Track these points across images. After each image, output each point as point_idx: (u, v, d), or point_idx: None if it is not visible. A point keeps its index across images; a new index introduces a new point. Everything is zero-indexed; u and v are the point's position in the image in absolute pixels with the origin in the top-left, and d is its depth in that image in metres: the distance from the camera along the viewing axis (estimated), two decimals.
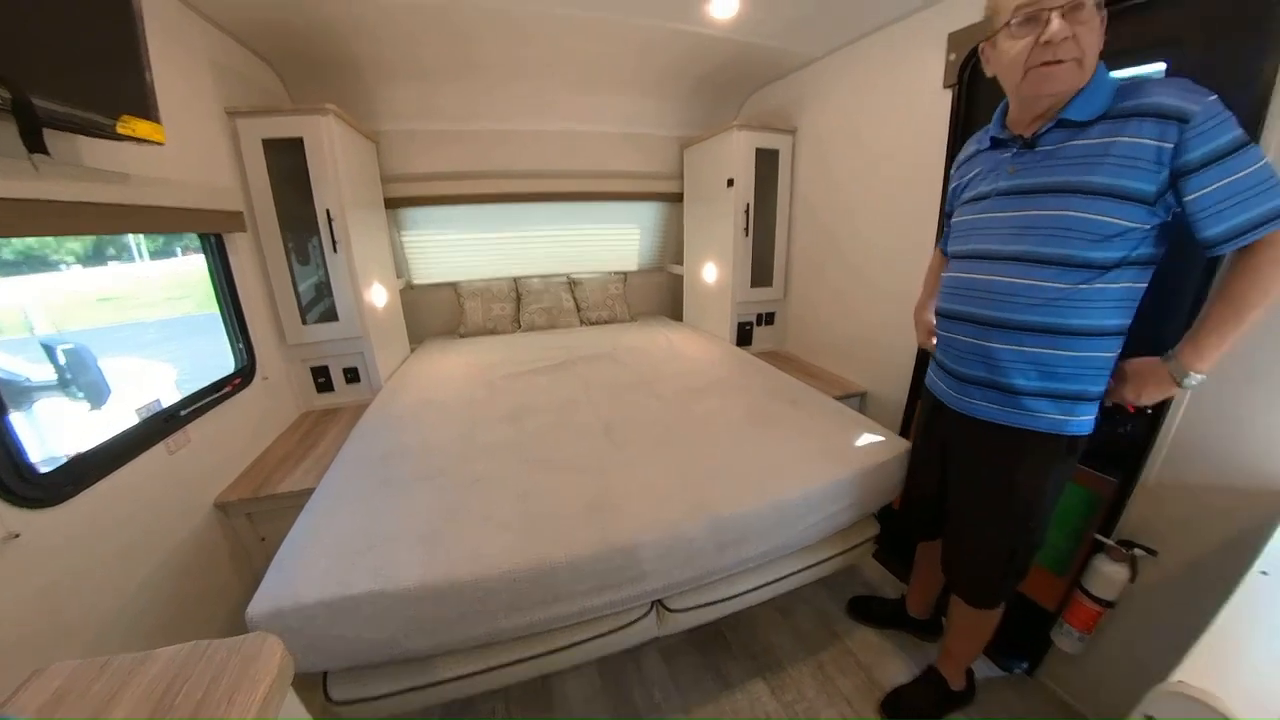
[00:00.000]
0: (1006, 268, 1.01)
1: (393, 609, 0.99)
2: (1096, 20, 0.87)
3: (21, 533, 0.91)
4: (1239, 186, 0.81)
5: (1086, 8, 0.85)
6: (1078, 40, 0.86)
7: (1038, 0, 0.86)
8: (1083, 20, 0.85)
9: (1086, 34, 0.86)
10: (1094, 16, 0.86)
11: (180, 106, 1.41)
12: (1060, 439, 1.03)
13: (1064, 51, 0.87)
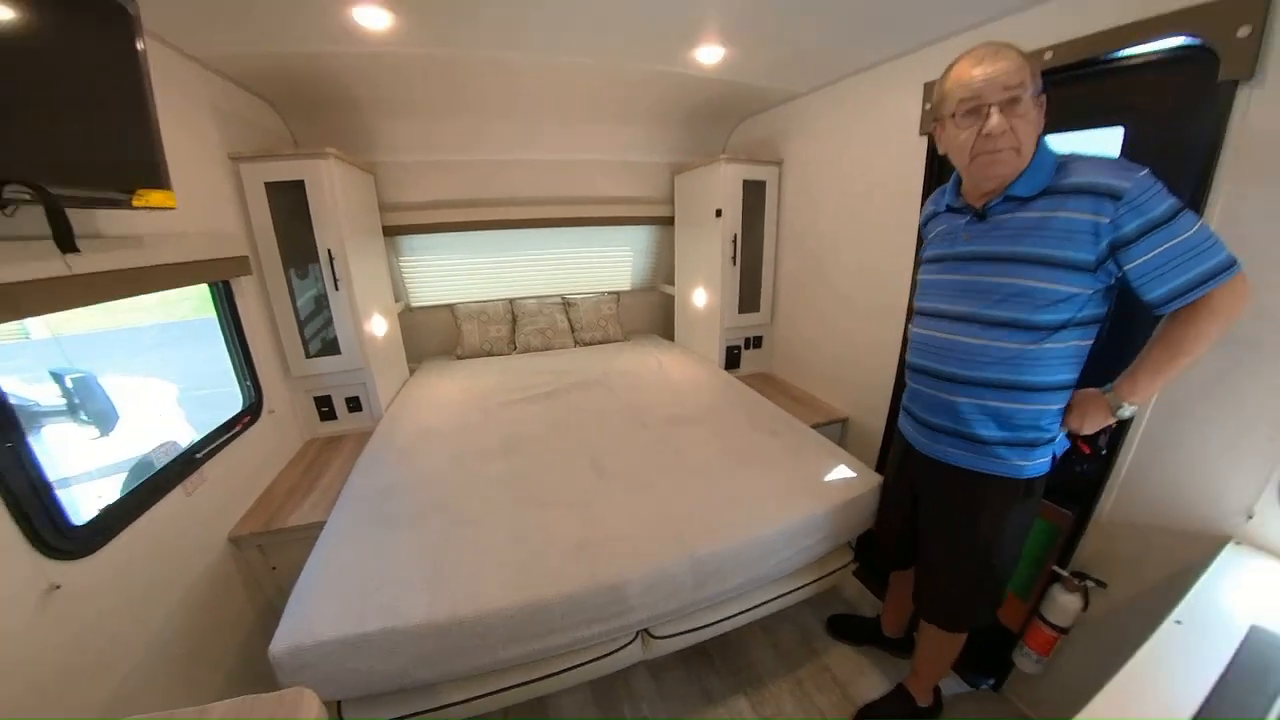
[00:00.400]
0: (965, 328, 1.10)
1: (402, 644, 1.08)
2: (1034, 111, 0.96)
3: (62, 584, 1.00)
4: (1175, 251, 0.89)
5: (1023, 102, 0.93)
6: (1015, 132, 0.95)
7: (978, 96, 0.95)
8: (1020, 114, 0.94)
9: (1023, 125, 0.95)
10: (1030, 109, 0.95)
11: (186, 159, 1.47)
12: (1019, 482, 1.12)
13: (1003, 142, 0.96)
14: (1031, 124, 0.96)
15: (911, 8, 1.48)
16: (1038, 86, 0.94)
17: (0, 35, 0.83)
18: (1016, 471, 1.11)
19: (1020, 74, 0.93)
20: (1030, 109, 0.95)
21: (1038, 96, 0.95)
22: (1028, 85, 0.93)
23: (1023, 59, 0.94)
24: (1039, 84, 0.95)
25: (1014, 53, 0.95)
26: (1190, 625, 0.94)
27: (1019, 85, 0.92)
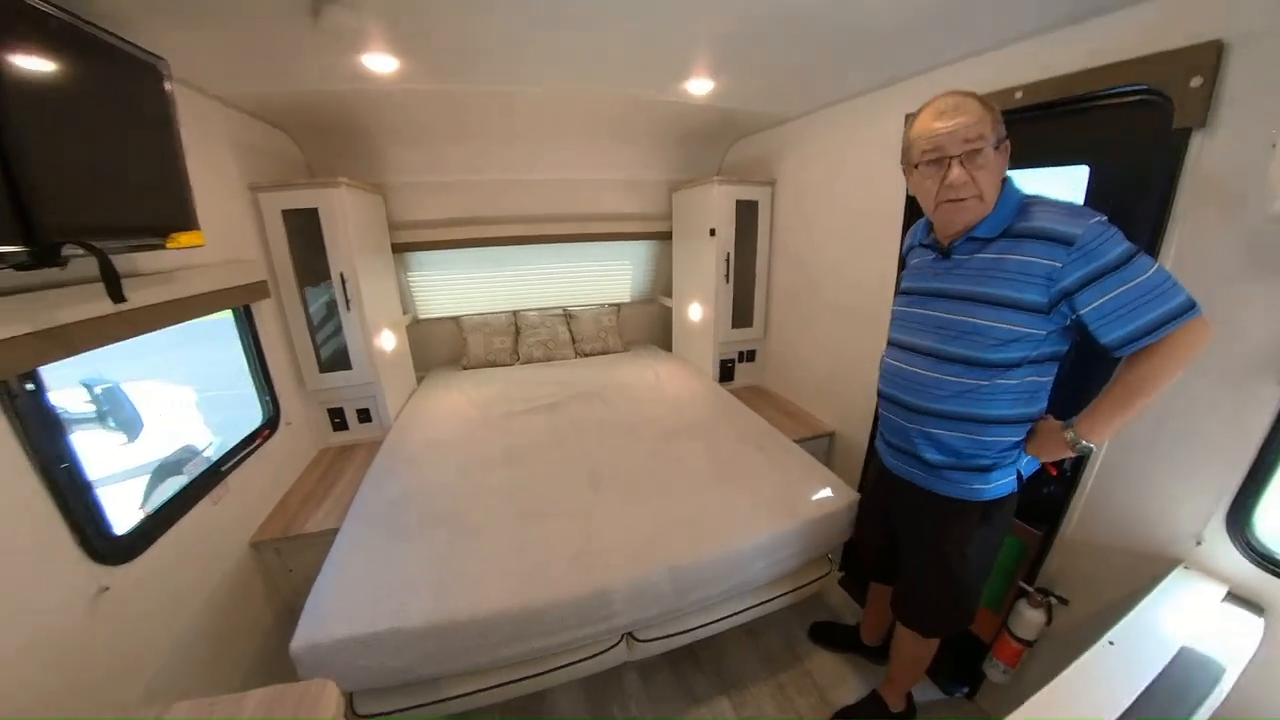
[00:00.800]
0: (924, 361, 1.15)
1: (409, 643, 1.20)
2: (995, 160, 0.99)
3: (110, 586, 1.13)
4: (1132, 295, 0.90)
5: (984, 153, 0.97)
6: (977, 181, 0.99)
7: (940, 148, 0.99)
8: (980, 164, 0.98)
9: (984, 175, 0.98)
10: (992, 159, 0.98)
11: (209, 194, 1.57)
12: (977, 504, 1.16)
13: (965, 191, 1.00)
14: (993, 172, 1.00)
15: (886, 45, 1.55)
16: (1000, 135, 0.98)
17: (54, 112, 0.95)
18: (974, 494, 1.15)
19: (980, 126, 0.96)
20: (991, 159, 0.98)
21: (1000, 144, 0.99)
22: (988, 137, 0.96)
23: (984, 111, 0.97)
24: (1001, 132, 0.99)
25: (975, 104, 0.98)
26: (1122, 645, 1.00)
27: (979, 138, 0.96)
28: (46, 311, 1.05)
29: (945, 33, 1.44)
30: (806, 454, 1.97)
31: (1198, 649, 1.01)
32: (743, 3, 1.26)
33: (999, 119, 0.99)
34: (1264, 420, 1.03)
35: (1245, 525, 1.10)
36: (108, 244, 1.05)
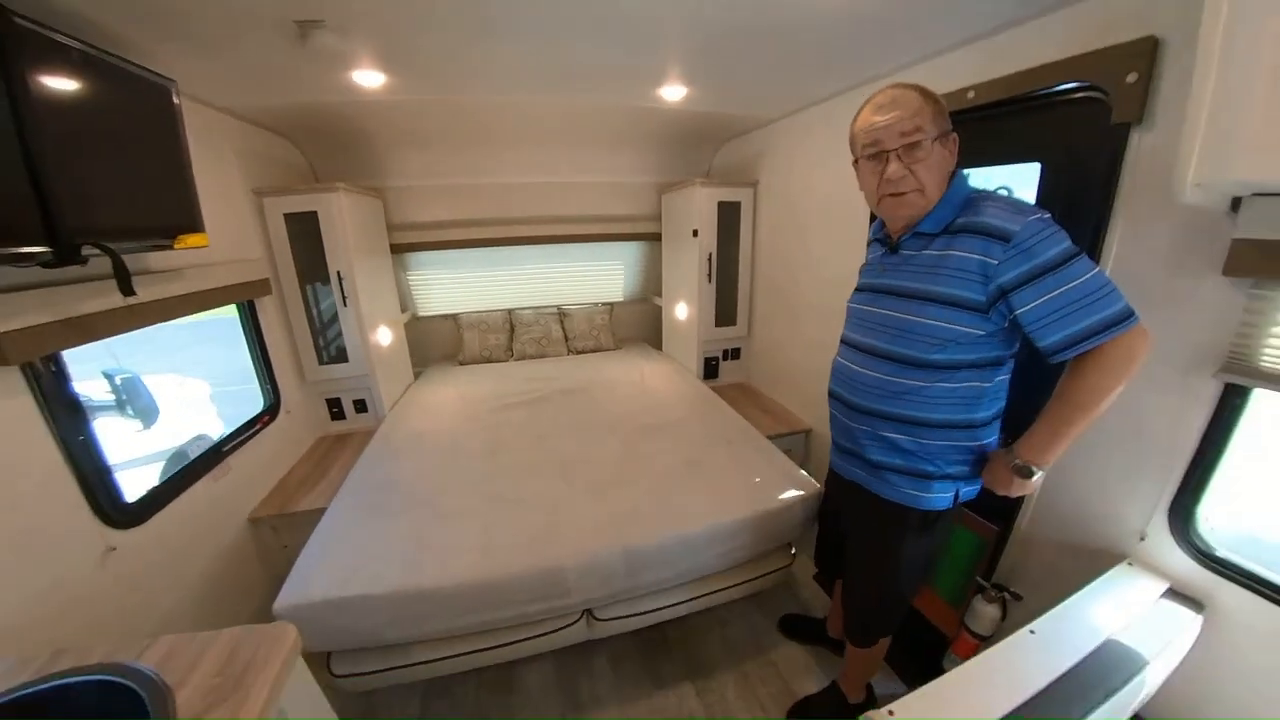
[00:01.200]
0: (866, 359, 1.13)
1: (378, 608, 1.33)
2: (938, 153, 0.97)
3: (117, 547, 1.28)
4: (1067, 299, 0.86)
5: (923, 146, 0.94)
6: (916, 175, 0.97)
7: (878, 142, 0.98)
8: (919, 158, 0.95)
9: (924, 169, 0.96)
10: (933, 152, 0.96)
11: (215, 199, 1.72)
12: (915, 512, 1.12)
13: (905, 185, 0.98)
14: (934, 166, 0.97)
15: (844, 54, 1.63)
16: (943, 128, 0.97)
17: (76, 130, 1.10)
18: (913, 501, 1.12)
19: (917, 119, 0.94)
20: (933, 151, 0.96)
21: (944, 137, 0.97)
22: (926, 129, 0.94)
23: (922, 103, 0.95)
24: (945, 125, 0.97)
25: (914, 96, 0.96)
26: (1043, 634, 1.01)
27: (916, 130, 0.94)
28: (67, 303, 1.20)
29: (900, 38, 1.52)
30: (774, 449, 2.06)
31: (1123, 641, 1.01)
32: (702, 21, 1.37)
33: (942, 110, 0.97)
34: (1202, 415, 1.05)
35: (1186, 522, 1.13)
36: (121, 245, 1.20)
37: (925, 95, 0.97)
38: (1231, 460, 1.08)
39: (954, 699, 0.89)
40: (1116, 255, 1.19)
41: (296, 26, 1.28)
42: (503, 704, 1.67)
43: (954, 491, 1.12)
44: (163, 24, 1.24)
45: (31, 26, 1.00)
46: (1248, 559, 1.06)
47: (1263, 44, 0.74)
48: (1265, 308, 0.97)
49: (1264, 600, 1.00)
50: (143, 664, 0.85)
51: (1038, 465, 1.00)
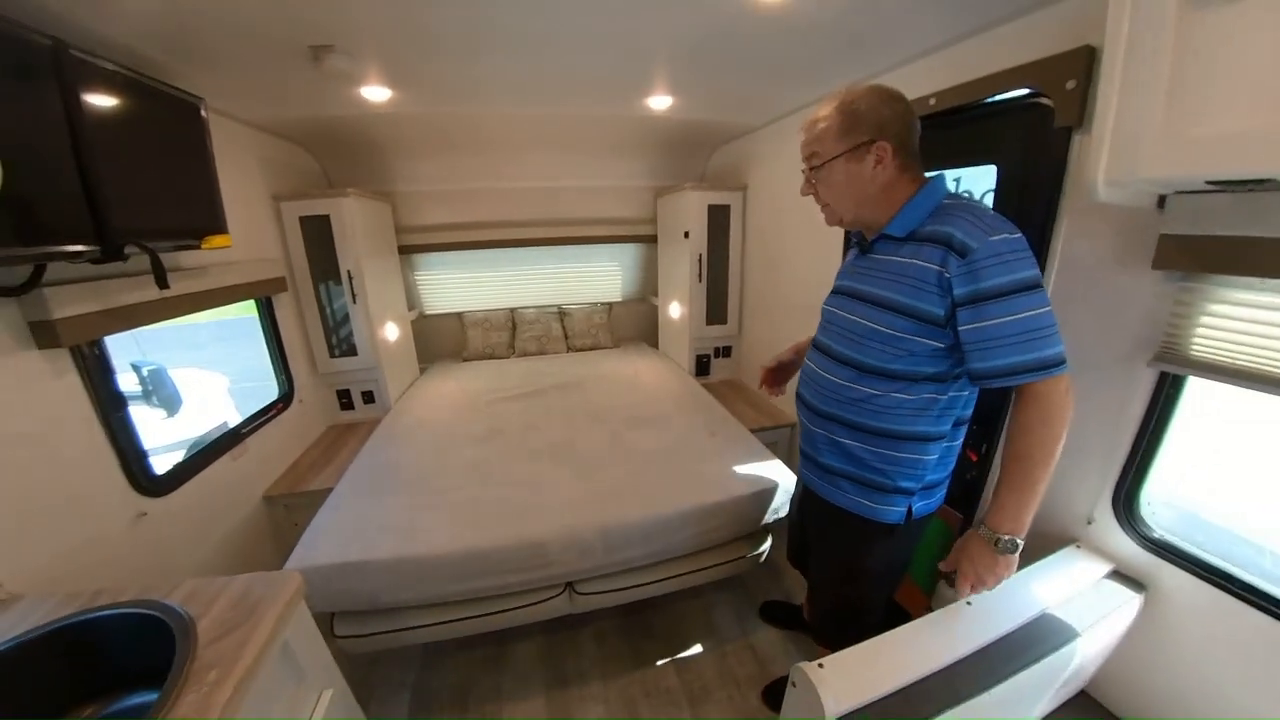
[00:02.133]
0: (829, 363, 1.11)
1: (376, 573, 1.46)
2: (839, 171, 0.99)
3: (148, 513, 1.43)
4: (1003, 331, 0.85)
5: (823, 167, 1.00)
6: (819, 194, 1.05)
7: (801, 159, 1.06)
8: (820, 178, 1.02)
9: (824, 188, 1.03)
10: (834, 172, 0.99)
11: (238, 202, 1.88)
12: (870, 523, 1.10)
13: (817, 202, 1.07)
14: (836, 184, 1.01)
15: (817, 64, 1.73)
16: (851, 141, 0.96)
17: (119, 143, 1.25)
18: (865, 511, 1.09)
19: (814, 145, 1.00)
20: (834, 171, 0.99)
21: (854, 151, 0.96)
22: (823, 151, 0.99)
23: (831, 116, 0.97)
24: (856, 138, 0.96)
25: (827, 111, 0.98)
26: (980, 607, 1.07)
27: (812, 155, 1.01)
28: (110, 295, 1.36)
29: (866, 51, 1.63)
30: (756, 440, 2.15)
31: (1058, 614, 1.08)
32: (679, 38, 1.50)
33: (854, 124, 0.96)
34: (1140, 402, 1.13)
35: (1130, 506, 1.20)
36: (157, 244, 1.35)
37: (839, 108, 0.97)
38: (1172, 444, 1.14)
39: (884, 656, 0.97)
40: (1063, 251, 1.25)
41: (310, 51, 1.43)
42: (493, 679, 1.79)
43: (907, 507, 1.08)
44: (194, 51, 1.41)
45: (83, 56, 1.16)
46: (1188, 542, 1.12)
47: (1160, 53, 0.81)
48: (1193, 299, 1.04)
49: (1202, 581, 1.06)
50: (169, 600, 0.98)
51: (1017, 535, 0.94)
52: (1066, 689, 1.17)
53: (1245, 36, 0.71)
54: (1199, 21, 0.76)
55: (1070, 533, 1.30)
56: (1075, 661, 1.06)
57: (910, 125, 0.99)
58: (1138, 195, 0.97)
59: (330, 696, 1.10)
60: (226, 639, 0.90)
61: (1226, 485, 1.20)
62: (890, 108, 0.97)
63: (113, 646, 0.97)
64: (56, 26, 1.12)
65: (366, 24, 1.34)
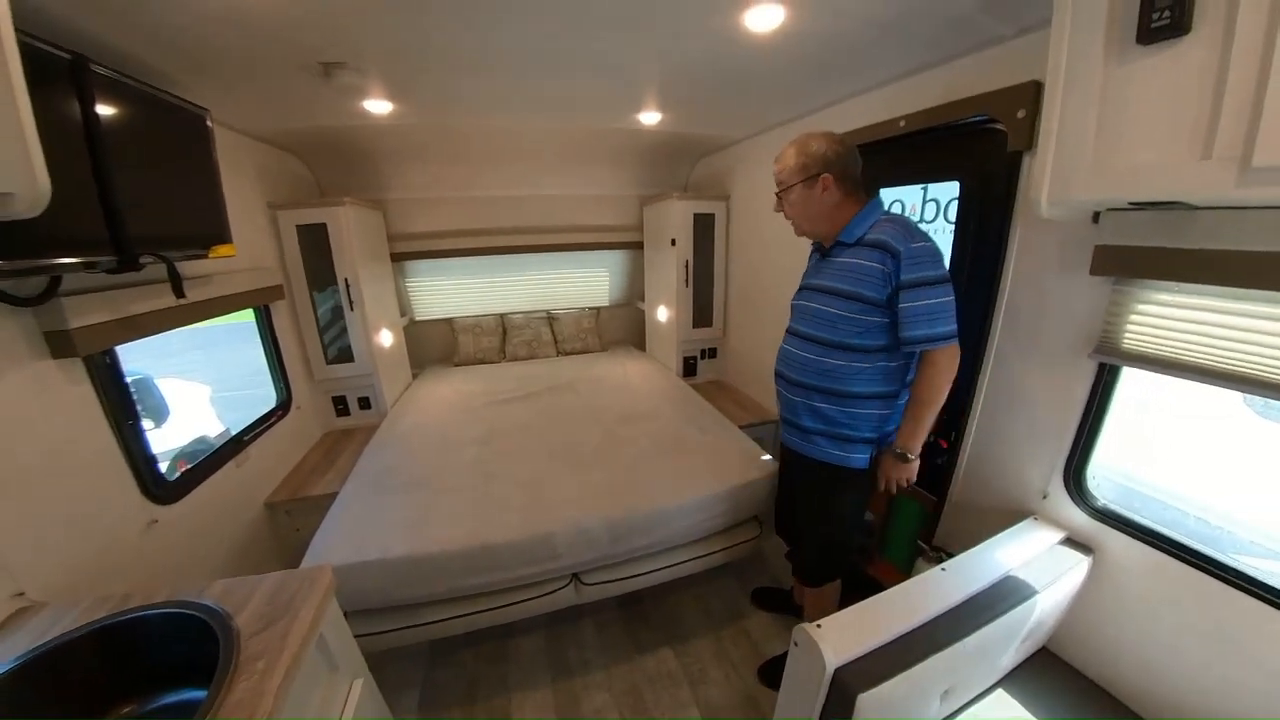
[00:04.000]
0: (803, 344, 1.41)
1: (389, 571, 1.52)
2: (800, 194, 1.32)
3: (158, 520, 1.46)
4: (921, 310, 1.20)
5: (791, 192, 1.34)
6: (788, 213, 1.39)
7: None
8: (790, 201, 1.35)
9: (792, 208, 1.36)
10: (800, 195, 1.32)
11: (237, 212, 1.85)
12: (841, 469, 1.40)
13: (786, 217, 1.40)
14: (798, 203, 1.35)
15: (795, 87, 1.88)
16: (806, 174, 1.30)
17: (133, 154, 1.29)
18: (839, 460, 1.39)
19: (781, 174, 1.34)
20: (800, 195, 1.33)
21: (810, 180, 1.30)
22: (787, 180, 1.33)
23: (792, 157, 1.32)
24: (808, 171, 1.29)
25: (788, 154, 1.33)
26: (953, 572, 1.23)
27: (781, 184, 1.35)
28: (121, 305, 1.38)
29: (839, 78, 1.78)
30: (744, 435, 2.28)
31: (1019, 576, 1.23)
32: (667, 63, 1.63)
33: (807, 162, 1.30)
34: (1084, 389, 1.27)
35: (1078, 481, 1.35)
36: (169, 254, 1.39)
37: (797, 149, 1.32)
38: (1112, 425, 1.30)
39: (873, 615, 1.10)
40: (1017, 258, 1.42)
41: (322, 67, 1.49)
42: (500, 673, 1.85)
43: (870, 454, 1.40)
44: (207, 65, 1.45)
45: (102, 71, 1.19)
46: (1127, 509, 1.29)
47: (1090, 94, 0.97)
48: (1124, 300, 1.20)
49: (1139, 543, 1.22)
50: (203, 599, 1.03)
51: (910, 451, 1.32)
52: (1029, 643, 1.31)
53: (1148, 85, 0.87)
54: (1117, 70, 0.92)
55: (1028, 506, 1.45)
56: (1035, 616, 1.21)
57: (850, 161, 1.32)
58: (1075, 211, 1.13)
59: (361, 686, 1.16)
60: (267, 632, 0.96)
61: (1158, 459, 1.37)
62: (834, 149, 1.30)
63: (151, 646, 1.01)
64: (77, 41, 1.15)
65: (377, 42, 1.40)
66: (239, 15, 1.18)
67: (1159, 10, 0.85)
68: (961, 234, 1.65)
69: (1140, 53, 0.89)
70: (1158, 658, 1.19)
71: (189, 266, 1.68)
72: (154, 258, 1.31)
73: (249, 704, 0.80)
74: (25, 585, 1.09)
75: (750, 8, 1.25)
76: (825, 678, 0.98)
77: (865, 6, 1.26)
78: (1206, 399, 1.11)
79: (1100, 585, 1.29)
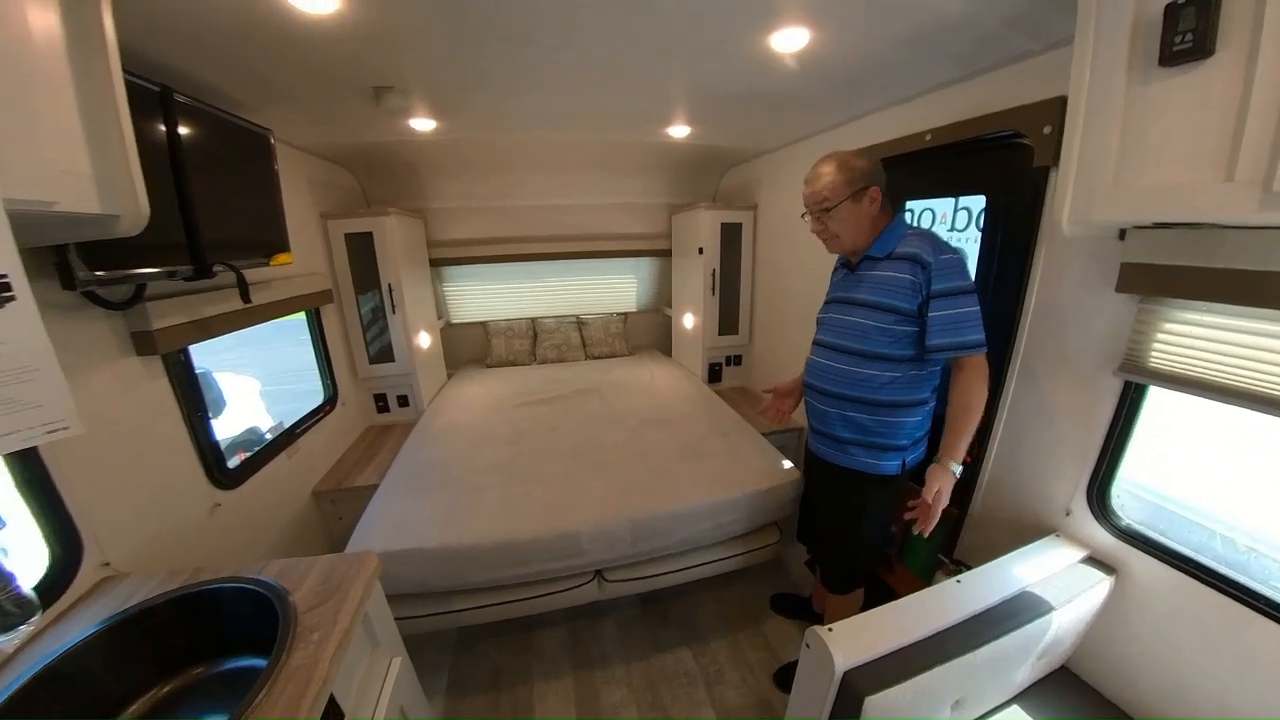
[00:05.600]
0: (835, 355, 1.44)
1: (426, 560, 1.62)
2: (848, 209, 1.33)
3: (221, 504, 1.60)
4: (949, 319, 1.25)
5: (835, 209, 1.34)
6: (829, 228, 1.38)
7: (806, 205, 1.41)
8: (832, 216, 1.35)
9: (835, 223, 1.36)
10: (844, 211, 1.33)
11: (294, 221, 2.00)
12: (873, 476, 1.43)
13: (824, 235, 1.41)
14: (845, 219, 1.35)
15: (824, 103, 1.92)
16: (856, 188, 1.31)
17: (209, 172, 1.43)
18: (871, 468, 1.42)
19: (827, 191, 1.33)
20: (844, 210, 1.34)
21: (858, 195, 1.32)
22: (834, 198, 1.32)
23: (834, 175, 1.32)
24: (855, 185, 1.31)
25: (829, 171, 1.32)
26: (967, 583, 1.24)
27: (825, 200, 1.34)
28: (196, 307, 1.53)
29: (867, 94, 1.81)
30: (766, 441, 2.30)
31: (1036, 591, 1.22)
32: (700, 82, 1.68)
33: (853, 177, 1.32)
34: (1108, 407, 1.26)
35: (1102, 499, 1.33)
36: (237, 262, 1.53)
37: (839, 166, 1.33)
38: (1138, 443, 1.28)
39: (885, 622, 1.12)
40: (1042, 273, 1.41)
41: (373, 91, 1.61)
42: (523, 662, 1.94)
43: (901, 460, 1.42)
44: (272, 88, 1.58)
45: (184, 99, 1.33)
46: (1153, 530, 1.26)
47: (1112, 115, 0.98)
48: (1150, 318, 1.19)
49: (1165, 565, 1.20)
50: (265, 575, 1.14)
51: (954, 461, 1.31)
52: (1046, 660, 1.30)
53: (1171, 106, 0.88)
54: (1140, 91, 0.93)
55: (1049, 524, 1.44)
56: (1051, 632, 1.20)
57: (882, 173, 1.37)
58: (1097, 231, 1.13)
59: (399, 663, 1.25)
60: (321, 608, 1.06)
61: (1185, 478, 1.34)
62: (873, 163, 1.35)
63: (221, 616, 1.13)
64: (161, 72, 1.29)
65: (423, 67, 1.51)
66: (302, 46, 1.30)
67: (1181, 33, 0.86)
68: (988, 247, 1.65)
69: (1163, 74, 0.90)
70: (1180, 681, 1.17)
71: (252, 273, 1.82)
72: (224, 266, 1.45)
73: (306, 670, 0.89)
74: (110, 557, 1.23)
75: (776, 30, 1.30)
76: (835, 679, 1.02)
77: (891, 26, 1.29)
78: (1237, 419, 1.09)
79: (1123, 605, 1.28)
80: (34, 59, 0.77)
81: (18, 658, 0.96)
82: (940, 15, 1.22)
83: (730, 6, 1.18)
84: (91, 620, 1.03)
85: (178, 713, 1.02)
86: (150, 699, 1.04)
